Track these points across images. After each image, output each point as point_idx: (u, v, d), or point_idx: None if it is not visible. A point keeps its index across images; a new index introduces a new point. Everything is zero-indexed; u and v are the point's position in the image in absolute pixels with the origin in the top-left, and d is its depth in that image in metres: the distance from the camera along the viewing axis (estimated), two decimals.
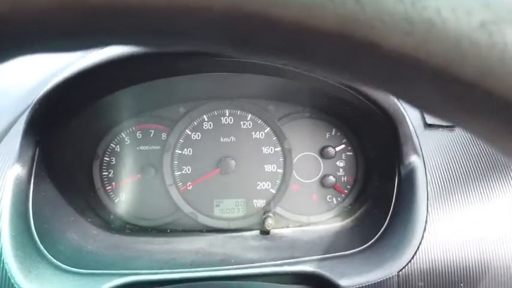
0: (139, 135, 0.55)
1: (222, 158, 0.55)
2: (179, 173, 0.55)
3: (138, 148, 0.55)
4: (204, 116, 0.56)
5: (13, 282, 0.35)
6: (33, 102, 0.41)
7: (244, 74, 0.48)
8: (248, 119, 0.57)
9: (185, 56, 0.44)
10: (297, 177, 0.57)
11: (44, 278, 0.37)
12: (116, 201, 0.54)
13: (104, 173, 0.54)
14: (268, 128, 0.56)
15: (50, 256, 0.39)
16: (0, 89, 0.49)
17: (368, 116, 0.47)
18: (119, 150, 0.55)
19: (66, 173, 0.47)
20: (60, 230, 0.43)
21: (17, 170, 0.39)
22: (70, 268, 0.39)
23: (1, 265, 0.35)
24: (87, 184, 0.53)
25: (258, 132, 0.56)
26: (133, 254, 0.44)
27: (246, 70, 0.47)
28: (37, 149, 0.41)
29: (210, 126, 0.56)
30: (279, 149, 0.56)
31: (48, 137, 0.43)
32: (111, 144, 0.54)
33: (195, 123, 0.56)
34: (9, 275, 0.35)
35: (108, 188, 0.54)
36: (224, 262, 0.42)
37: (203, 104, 0.56)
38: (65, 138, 0.46)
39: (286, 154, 0.56)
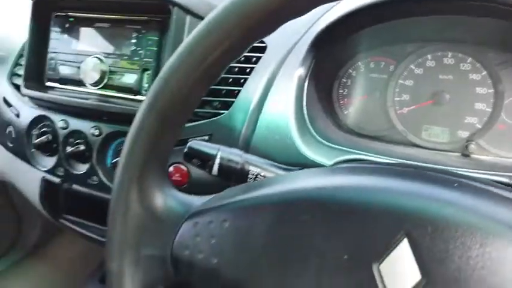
0: (372, 65, 0.71)
1: (438, 91, 0.66)
2: (398, 99, 0.69)
3: (369, 75, 0.71)
4: (429, 55, 0.67)
5: (300, 151, 0.56)
6: (314, 32, 0.61)
7: (472, 18, 0.58)
8: (468, 61, 0.65)
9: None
10: (505, 118, 0.64)
11: (316, 148, 0.58)
12: (345, 113, 0.72)
13: (340, 91, 0.73)
14: (485, 72, 0.64)
15: (315, 133, 0.60)
16: None
17: None
18: (354, 75, 0.72)
19: (322, 84, 0.67)
20: (317, 118, 0.64)
21: (300, 72, 0.60)
22: (326, 142, 0.59)
23: (291, 141, 0.57)
24: (326, 96, 0.73)
25: (474, 74, 0.65)
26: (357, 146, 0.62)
27: (476, 13, 0.56)
28: (313, 61, 0.61)
29: (432, 64, 0.67)
30: (492, 91, 0.64)
31: (319, 55, 0.62)
32: (349, 70, 0.72)
33: (420, 61, 0.68)
34: (297, 146, 0.56)
35: (341, 102, 0.73)
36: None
37: (429, 45, 0.67)
38: (326, 59, 0.65)
39: (498, 96, 0.63)
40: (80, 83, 0.68)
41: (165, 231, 0.38)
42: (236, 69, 0.62)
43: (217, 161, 0.48)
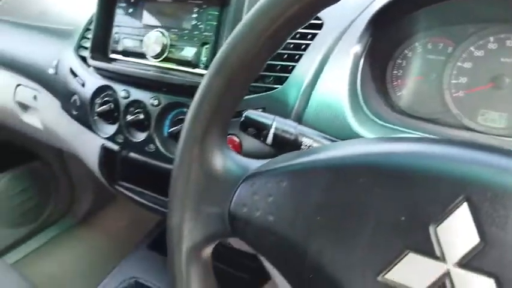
0: (429, 46, 0.69)
1: (498, 75, 0.64)
2: (455, 81, 0.68)
3: (426, 56, 0.70)
4: (491, 37, 0.65)
5: (352, 128, 0.56)
6: (371, 10, 0.61)
7: None
8: None
9: None
10: None
11: (368, 126, 0.58)
12: (398, 94, 0.72)
13: (394, 72, 0.72)
14: None
15: (368, 112, 0.61)
16: None
17: None
18: (410, 55, 0.71)
19: (377, 64, 0.67)
20: (370, 97, 0.64)
21: (356, 50, 0.60)
22: (379, 121, 0.60)
23: (343, 119, 0.58)
24: (380, 76, 0.72)
25: None
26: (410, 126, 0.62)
27: None
28: (369, 40, 0.61)
29: (494, 46, 0.65)
30: None
31: (375, 34, 0.62)
32: (405, 51, 0.71)
33: (481, 43, 0.66)
34: (349, 123, 0.57)
35: (395, 83, 0.72)
36: None
37: (492, 26, 0.65)
38: (382, 39, 0.65)
39: None
40: (141, 55, 0.72)
41: (224, 191, 0.40)
42: (291, 45, 0.63)
43: (272, 130, 0.50)
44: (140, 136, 0.71)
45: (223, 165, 0.41)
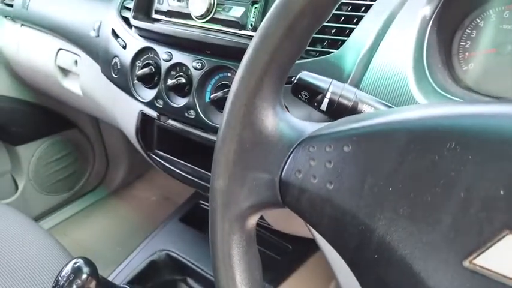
0: (506, 15, 0.62)
1: None
2: None
3: (500, 26, 0.62)
4: None
5: (415, 99, 0.51)
6: None
7: None
8: None
9: None
10: None
11: (433, 98, 0.52)
12: (464, 68, 0.64)
13: (461, 43, 0.65)
14: None
15: (433, 83, 0.55)
16: None
17: None
18: (482, 25, 0.63)
19: (444, 32, 0.60)
20: (435, 67, 0.57)
21: (424, 12, 0.54)
22: (445, 94, 0.53)
23: (406, 88, 0.52)
24: (446, 46, 0.65)
25: None
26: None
27: None
28: (440, 2, 0.55)
29: None
30: None
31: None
32: (477, 19, 0.63)
33: None
34: (412, 94, 0.52)
35: (461, 56, 0.65)
36: None
37: None
38: (453, 3, 0.58)
39: None
40: (185, 15, 0.68)
41: (276, 155, 0.36)
42: (349, 7, 0.57)
43: (328, 95, 0.45)
44: (180, 101, 0.68)
45: (276, 127, 0.36)
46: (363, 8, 0.56)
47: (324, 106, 0.45)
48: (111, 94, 0.83)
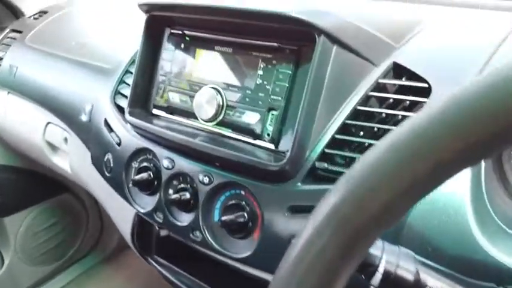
0: None
1: None
2: None
3: None
4: None
5: (478, 242, 0.40)
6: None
7: None
8: None
9: None
10: None
11: (499, 239, 0.42)
12: None
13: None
14: None
15: (494, 216, 0.44)
16: None
17: None
18: None
19: None
20: (492, 189, 0.47)
21: None
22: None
23: (463, 226, 0.41)
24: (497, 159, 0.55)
25: None
26: None
27: None
28: None
29: None
30: None
31: None
32: None
33: None
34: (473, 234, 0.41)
35: None
36: None
37: None
38: None
39: None
40: (190, 114, 0.58)
41: None
42: (388, 119, 0.47)
43: (382, 267, 0.34)
44: (184, 218, 0.57)
45: None
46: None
47: (375, 281, 0.34)
48: (103, 187, 0.72)
